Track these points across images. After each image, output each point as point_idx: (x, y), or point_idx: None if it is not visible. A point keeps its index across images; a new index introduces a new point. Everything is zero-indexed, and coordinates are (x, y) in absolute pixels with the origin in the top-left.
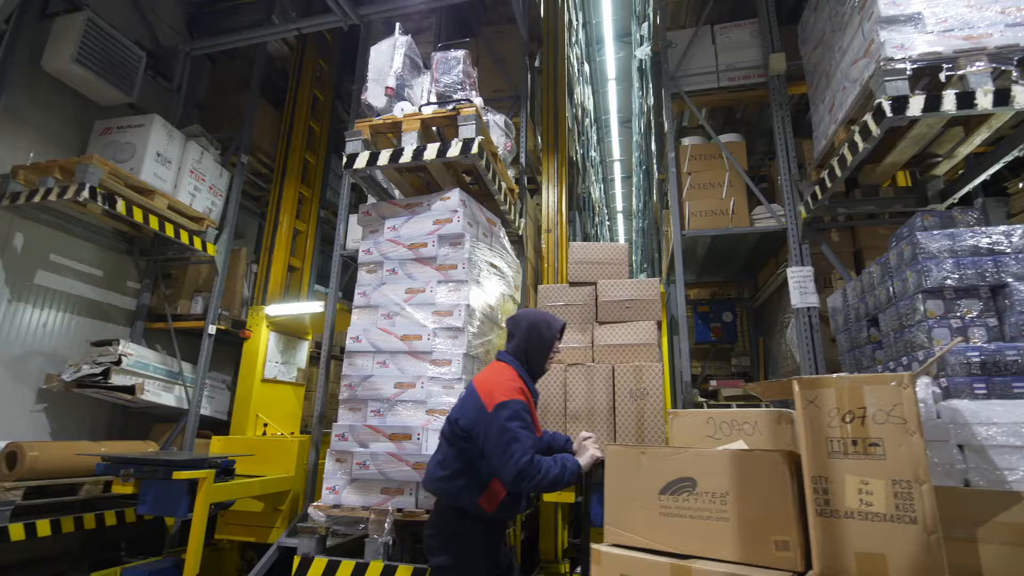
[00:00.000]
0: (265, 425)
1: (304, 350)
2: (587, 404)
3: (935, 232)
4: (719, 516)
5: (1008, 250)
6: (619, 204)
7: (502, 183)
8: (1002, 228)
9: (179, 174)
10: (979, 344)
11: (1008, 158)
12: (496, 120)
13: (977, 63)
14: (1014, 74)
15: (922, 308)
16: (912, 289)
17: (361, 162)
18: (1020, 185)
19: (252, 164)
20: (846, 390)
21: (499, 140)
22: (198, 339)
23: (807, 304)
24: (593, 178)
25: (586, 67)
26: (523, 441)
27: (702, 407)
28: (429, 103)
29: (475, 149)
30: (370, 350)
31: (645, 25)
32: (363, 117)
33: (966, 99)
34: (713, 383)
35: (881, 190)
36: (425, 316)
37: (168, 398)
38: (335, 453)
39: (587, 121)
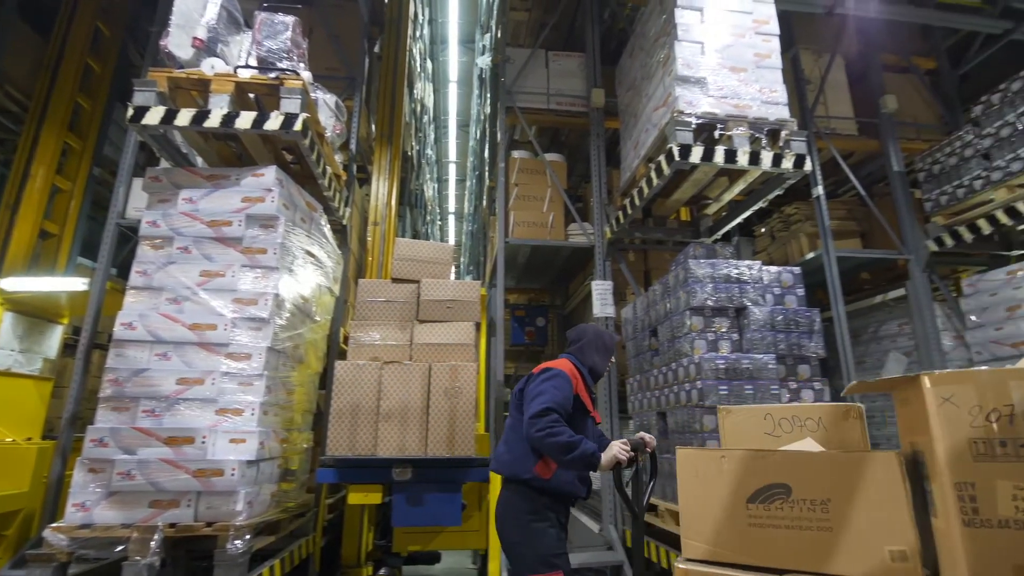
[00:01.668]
0: None
1: (56, 336)
2: (402, 403)
3: (701, 261)
4: (820, 525)
5: (748, 280)
6: (452, 205)
7: (327, 167)
8: (746, 262)
9: None
10: (725, 354)
11: (755, 207)
12: (326, 99)
13: (740, 128)
14: (763, 141)
15: (688, 322)
16: (683, 306)
17: (153, 118)
18: (763, 230)
19: None
20: (988, 386)
21: (328, 121)
22: None
23: (606, 314)
24: (428, 176)
25: (429, 64)
26: (549, 394)
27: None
28: (248, 66)
29: (299, 126)
30: (147, 339)
31: (488, 36)
32: (161, 66)
33: (731, 155)
34: None
35: (668, 221)
36: (223, 304)
37: None
38: (89, 462)
39: (426, 118)
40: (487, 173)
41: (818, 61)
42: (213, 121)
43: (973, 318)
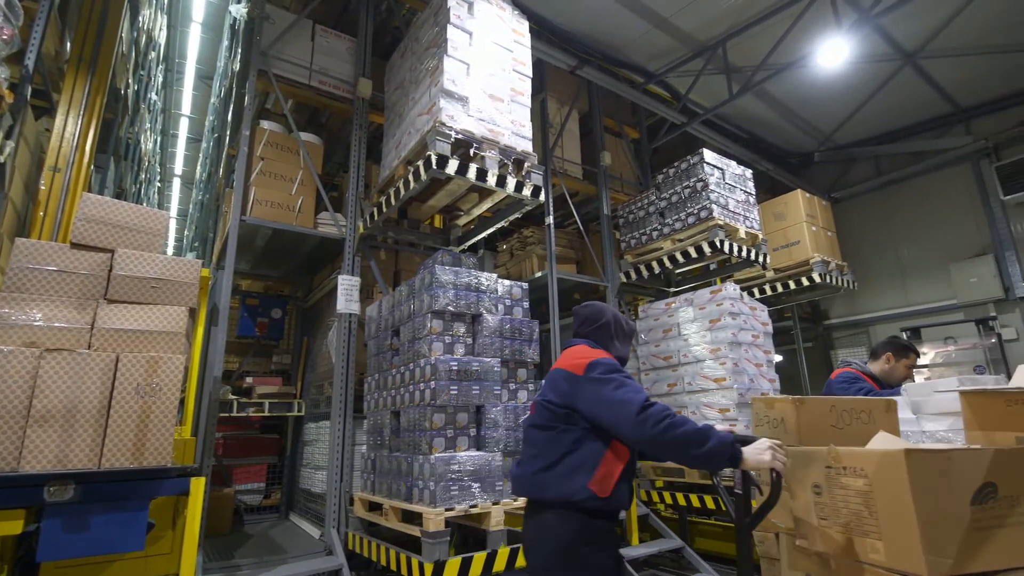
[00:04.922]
0: None
1: None
2: (68, 402)
3: (447, 267)
4: (1018, 521)
5: (486, 290)
6: (180, 167)
7: None
8: (485, 274)
9: None
10: (458, 356)
11: (499, 225)
12: None
13: (493, 151)
14: (510, 168)
15: (429, 325)
16: (425, 309)
17: None
18: (504, 246)
19: None
20: None
21: None
22: None
23: (350, 311)
24: (149, 126)
25: None
26: (629, 386)
27: (231, 405)
28: None
29: None
30: None
31: None
32: None
33: (482, 174)
34: (249, 380)
35: (422, 225)
36: None
37: None
38: None
39: (153, 55)
40: (228, 138)
41: (560, 110)
42: None
43: (643, 336)
